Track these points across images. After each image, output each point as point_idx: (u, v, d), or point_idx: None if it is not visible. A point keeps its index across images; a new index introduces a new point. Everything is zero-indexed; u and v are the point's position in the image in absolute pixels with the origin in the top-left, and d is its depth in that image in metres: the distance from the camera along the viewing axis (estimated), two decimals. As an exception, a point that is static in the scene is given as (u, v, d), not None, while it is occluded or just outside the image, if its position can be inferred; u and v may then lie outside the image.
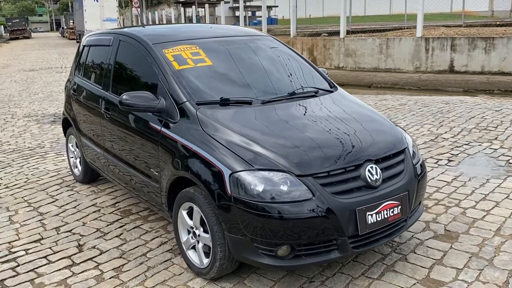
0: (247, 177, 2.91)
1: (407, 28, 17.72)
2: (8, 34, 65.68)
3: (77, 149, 5.27)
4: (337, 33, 15.41)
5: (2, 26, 71.20)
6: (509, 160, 5.51)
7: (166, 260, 3.59)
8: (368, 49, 14.10)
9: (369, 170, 3.06)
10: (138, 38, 4.03)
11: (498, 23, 21.18)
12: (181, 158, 3.28)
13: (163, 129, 3.49)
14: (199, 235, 3.26)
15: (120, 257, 3.68)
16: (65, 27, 63.50)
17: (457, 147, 6.10)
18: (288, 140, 3.15)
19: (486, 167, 5.33)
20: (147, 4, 48.37)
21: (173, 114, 3.45)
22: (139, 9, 33.00)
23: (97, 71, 4.66)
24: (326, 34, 17.21)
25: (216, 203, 3.01)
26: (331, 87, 4.13)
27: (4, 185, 5.42)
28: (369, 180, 3.04)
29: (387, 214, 3.08)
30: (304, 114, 3.49)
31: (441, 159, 5.63)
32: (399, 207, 3.14)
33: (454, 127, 7.11)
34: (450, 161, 5.57)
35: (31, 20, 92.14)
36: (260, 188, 2.87)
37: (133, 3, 33.31)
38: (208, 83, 3.67)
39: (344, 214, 2.90)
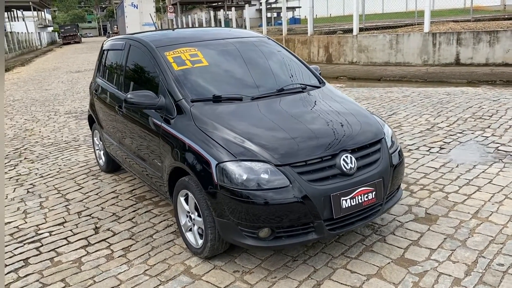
0: (231, 167, 2.95)
1: (417, 24, 17.28)
2: (61, 40, 67.36)
3: (101, 142, 5.42)
4: (351, 30, 15.17)
5: (56, 33, 73.02)
6: (498, 147, 5.36)
7: (169, 241, 3.67)
8: (379, 45, 13.84)
9: (344, 159, 3.05)
10: (144, 42, 4.10)
11: (506, 16, 20.39)
12: (177, 150, 3.34)
13: (163, 124, 3.55)
14: (194, 219, 3.33)
15: (130, 238, 3.79)
16: (110, 32, 64.76)
17: (451, 135, 5.96)
18: (271, 132, 3.17)
19: (474, 154, 5.20)
20: (182, 9, 48.72)
21: (171, 110, 3.51)
22: (174, 14, 33.35)
23: (113, 72, 4.76)
24: (341, 32, 16.97)
25: (205, 191, 3.06)
26: (320, 83, 4.11)
27: (40, 174, 5.62)
28: (344, 169, 3.02)
29: (361, 199, 3.06)
30: (289, 109, 3.49)
31: (433, 147, 5.52)
32: (373, 192, 3.12)
33: (451, 116, 6.94)
34: (441, 148, 5.46)
35: (81, 26, 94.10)
36: (243, 176, 2.90)
37: (168, 9, 33.69)
38: (203, 82, 3.71)
39: (319, 200, 2.91)
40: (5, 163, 6.21)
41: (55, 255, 3.60)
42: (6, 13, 53.09)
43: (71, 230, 4.03)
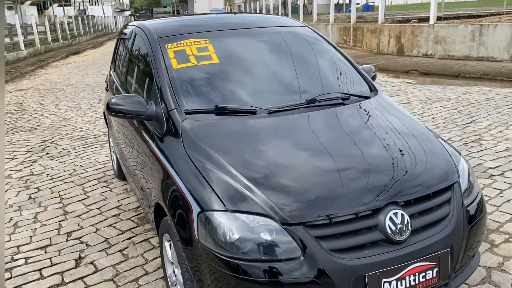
0: (219, 219, 1.99)
1: (506, 14, 15.14)
2: (137, 24, 69.07)
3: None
4: (428, 19, 13.48)
5: (132, 17, 75.23)
6: None
7: (155, 292, 2.81)
8: (459, 36, 12.11)
9: (391, 218, 1.99)
10: (146, 30, 3.21)
11: None
12: (159, 181, 2.44)
13: (150, 141, 2.67)
14: (177, 276, 2.42)
15: (111, 280, 2.96)
16: (182, 17, 65.56)
17: (548, 157, 4.59)
18: (284, 171, 2.16)
19: None
20: (251, -5, 47.76)
21: (161, 123, 2.60)
22: (242, 0, 32.61)
23: (118, 66, 3.95)
24: (416, 21, 15.26)
25: (183, 247, 2.13)
26: (371, 91, 3.01)
27: (51, 176, 4.99)
28: (390, 232, 1.96)
29: (415, 280, 1.99)
30: (318, 131, 2.45)
31: (524, 174, 4.22)
32: (436, 269, 2.04)
33: (548, 130, 5.49)
34: (536, 177, 4.14)
35: (157, 11, 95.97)
36: (235, 235, 1.94)
37: (237, -5, 33.01)
38: (207, 86, 2.76)
39: (346, 282, 1.88)
40: (26, 158, 5.68)
41: (16, 296, 2.87)
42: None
43: (50, 259, 3.28)
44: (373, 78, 3.32)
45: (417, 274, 1.99)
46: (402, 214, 2.00)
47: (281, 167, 2.17)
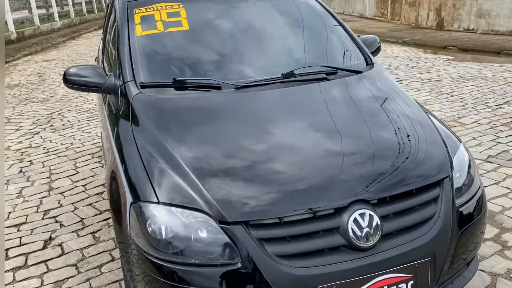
0: (152, 211, 1.69)
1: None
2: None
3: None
4: (472, -9, 12.49)
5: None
6: None
7: (115, 282, 2.58)
8: (506, 9, 11.13)
9: (356, 220, 1.63)
10: (118, -7, 2.90)
11: None
12: (109, 164, 2.17)
13: (106, 118, 2.40)
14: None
15: (74, 265, 2.76)
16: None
17: None
18: (237, 161, 1.83)
19: None
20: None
21: (117, 97, 2.31)
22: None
23: (103, 34, 3.67)
24: (459, -8, 14.19)
25: (118, 241, 1.87)
26: (367, 65, 2.59)
27: (47, 149, 4.84)
28: (352, 236, 1.61)
29: (383, 295, 1.64)
30: (287, 113, 2.09)
31: (556, 164, 3.69)
32: (411, 282, 1.68)
33: None
34: None
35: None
36: (167, 232, 1.64)
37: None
38: (171, 56, 2.43)
39: (294, 295, 1.56)
40: (30, 130, 5.57)
41: (-26, 278, 2.70)
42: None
43: (21, 238, 3.12)
44: (377, 50, 2.90)
45: (386, 288, 1.63)
46: (370, 215, 1.64)
47: (234, 156, 1.84)
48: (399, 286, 1.66)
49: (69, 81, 2.40)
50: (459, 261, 1.85)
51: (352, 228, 1.61)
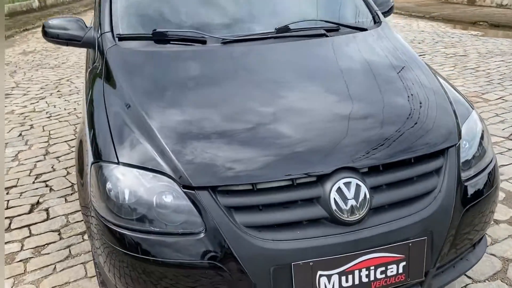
0: (112, 172, 1.51)
1: None
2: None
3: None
4: (508, -37, 11.76)
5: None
6: None
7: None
8: (543, -16, 10.47)
9: (340, 189, 1.41)
10: None
11: None
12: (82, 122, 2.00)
13: (86, 73, 2.22)
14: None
15: (57, 231, 2.64)
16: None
17: None
18: (213, 122, 1.61)
19: None
20: None
21: (94, 51, 2.13)
22: None
23: None
24: (494, -34, 13.41)
25: (80, 205, 1.70)
26: (375, 22, 2.33)
27: (50, 114, 4.74)
28: (335, 208, 1.40)
29: (369, 276, 1.43)
30: (276, 70, 1.86)
31: None
32: (403, 263, 1.46)
33: None
34: None
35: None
36: (123, 194, 1.46)
37: None
38: (153, 7, 2.21)
39: (263, 271, 1.36)
40: (36, 95, 5.48)
41: (-46, 240, 2.61)
42: None
43: (8, 201, 3.01)
44: (390, 10, 2.62)
45: (372, 268, 1.43)
46: (357, 185, 1.42)
47: (211, 115, 1.63)
48: (389, 267, 1.45)
49: (48, 33, 2.23)
50: (463, 242, 1.62)
51: (334, 199, 1.40)
